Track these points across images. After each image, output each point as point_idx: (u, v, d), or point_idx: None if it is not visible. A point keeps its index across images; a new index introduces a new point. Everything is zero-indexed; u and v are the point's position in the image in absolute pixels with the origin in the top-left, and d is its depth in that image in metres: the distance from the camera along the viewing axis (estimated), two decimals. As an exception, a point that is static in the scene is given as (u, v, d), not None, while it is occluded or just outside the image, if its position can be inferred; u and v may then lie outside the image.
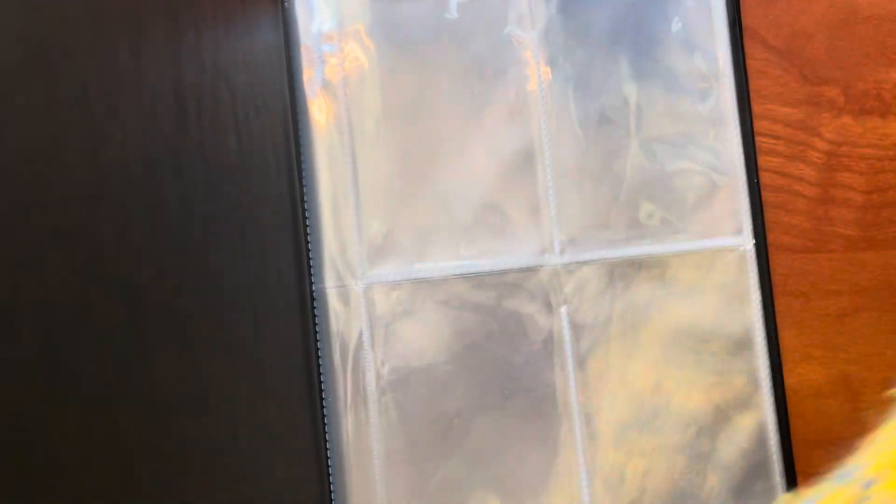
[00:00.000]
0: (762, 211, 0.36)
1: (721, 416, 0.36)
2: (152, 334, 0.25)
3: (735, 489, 0.36)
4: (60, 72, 0.22)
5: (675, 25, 0.37)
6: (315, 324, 0.38)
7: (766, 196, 0.36)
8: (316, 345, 0.38)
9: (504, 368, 0.37)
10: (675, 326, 0.36)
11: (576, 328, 0.37)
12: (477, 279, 0.37)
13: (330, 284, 0.38)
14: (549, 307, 0.37)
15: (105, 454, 0.22)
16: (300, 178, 0.38)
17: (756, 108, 0.36)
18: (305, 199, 0.38)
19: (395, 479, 0.37)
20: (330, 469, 0.38)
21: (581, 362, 0.37)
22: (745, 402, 0.36)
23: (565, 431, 0.37)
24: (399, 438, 0.37)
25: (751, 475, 0.36)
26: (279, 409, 0.34)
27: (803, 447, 0.36)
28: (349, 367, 0.38)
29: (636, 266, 0.37)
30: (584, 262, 0.37)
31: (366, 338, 0.38)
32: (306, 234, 0.38)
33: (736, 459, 0.36)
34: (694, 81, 0.37)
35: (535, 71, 0.38)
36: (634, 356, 0.36)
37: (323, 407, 0.38)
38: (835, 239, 0.35)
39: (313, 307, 0.38)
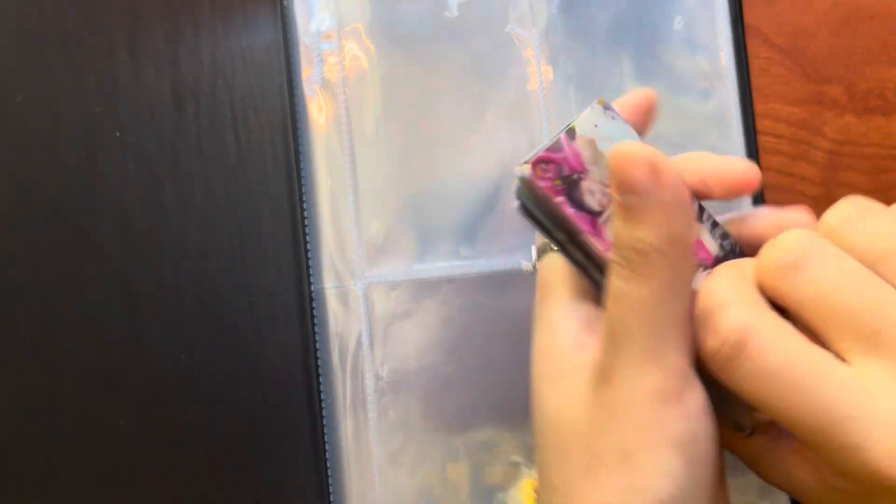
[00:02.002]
0: (765, 211, 0.36)
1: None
2: (150, 334, 0.24)
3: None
4: (57, 70, 0.21)
5: (677, 24, 0.37)
6: (314, 324, 0.38)
7: (769, 196, 0.36)
8: (315, 345, 0.38)
9: (505, 369, 0.37)
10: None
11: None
12: (477, 280, 0.37)
13: (329, 285, 0.38)
14: (550, 308, 0.37)
15: (103, 453, 0.21)
16: (299, 177, 0.38)
17: (759, 106, 0.36)
18: (304, 198, 0.38)
19: (393, 480, 0.37)
20: (329, 470, 0.37)
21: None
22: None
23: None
24: (398, 440, 0.37)
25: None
26: (277, 409, 0.34)
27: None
28: (348, 369, 0.38)
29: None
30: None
31: (365, 339, 0.38)
32: (305, 234, 0.38)
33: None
34: (696, 80, 0.36)
35: (536, 70, 0.37)
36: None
37: (321, 408, 0.38)
38: (837, 239, 0.35)
39: (312, 308, 0.38)
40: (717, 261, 0.25)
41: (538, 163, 0.25)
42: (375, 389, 0.37)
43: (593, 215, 0.24)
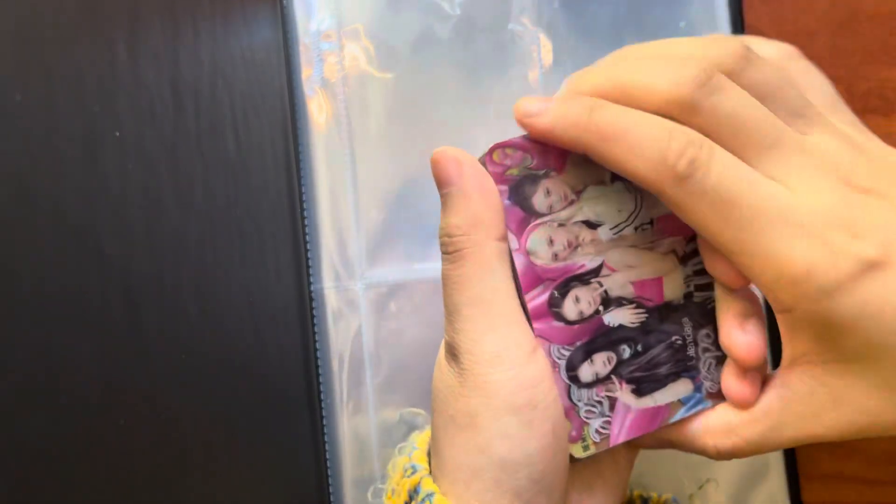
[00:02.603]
0: (764, 210, 0.36)
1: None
2: (150, 333, 0.24)
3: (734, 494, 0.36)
4: (56, 69, 0.21)
5: (679, 23, 0.37)
6: (314, 324, 0.38)
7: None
8: (314, 345, 0.38)
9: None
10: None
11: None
12: (477, 279, 0.37)
13: (328, 284, 0.38)
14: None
15: (103, 454, 0.21)
16: (298, 177, 0.38)
17: (759, 106, 0.36)
18: (304, 198, 0.38)
19: (394, 480, 0.37)
20: (328, 469, 0.37)
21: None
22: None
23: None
24: (397, 439, 0.37)
25: (751, 476, 0.36)
26: (277, 409, 0.34)
27: (806, 447, 0.36)
28: (347, 368, 0.38)
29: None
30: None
31: (364, 338, 0.38)
32: (305, 234, 0.38)
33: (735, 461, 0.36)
34: (696, 80, 0.36)
35: (538, 68, 0.37)
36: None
37: (321, 408, 0.38)
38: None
39: (312, 307, 0.38)
40: (668, 305, 0.24)
41: (501, 147, 0.24)
42: (375, 389, 0.37)
43: (528, 214, 0.23)
